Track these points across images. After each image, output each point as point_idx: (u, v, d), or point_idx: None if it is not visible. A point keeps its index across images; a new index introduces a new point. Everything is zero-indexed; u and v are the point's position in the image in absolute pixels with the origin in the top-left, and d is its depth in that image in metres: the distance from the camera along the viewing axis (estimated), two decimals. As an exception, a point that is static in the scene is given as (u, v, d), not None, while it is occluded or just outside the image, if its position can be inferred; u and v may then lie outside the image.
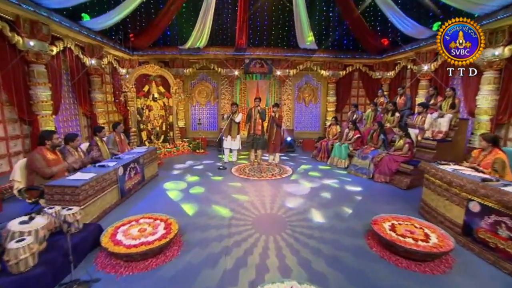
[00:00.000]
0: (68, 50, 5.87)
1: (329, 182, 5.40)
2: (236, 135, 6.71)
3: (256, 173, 5.95)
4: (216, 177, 5.65)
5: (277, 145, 6.50)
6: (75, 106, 6.48)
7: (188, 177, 5.61)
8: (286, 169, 6.36)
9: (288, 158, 7.62)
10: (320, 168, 6.58)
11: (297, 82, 9.67)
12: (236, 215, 3.73)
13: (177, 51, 8.47)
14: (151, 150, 5.44)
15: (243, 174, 5.88)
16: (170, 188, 4.93)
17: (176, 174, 5.85)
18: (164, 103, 8.09)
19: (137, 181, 4.65)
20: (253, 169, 6.29)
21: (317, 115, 9.92)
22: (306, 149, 8.77)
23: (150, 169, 5.33)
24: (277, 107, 6.46)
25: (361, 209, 4.02)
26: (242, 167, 6.49)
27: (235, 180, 5.44)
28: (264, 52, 8.76)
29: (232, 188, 4.96)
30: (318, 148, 7.41)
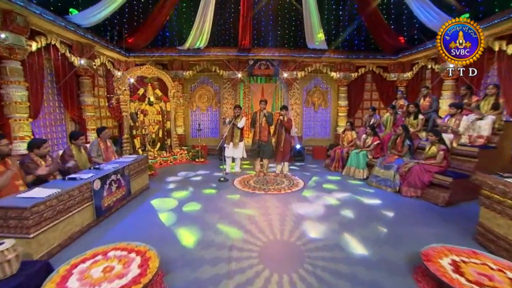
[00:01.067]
0: (52, 47, 5.26)
1: (348, 196, 4.57)
2: (239, 142, 5.95)
3: (262, 186, 5.16)
4: (216, 191, 4.86)
5: (286, 153, 5.72)
6: (61, 110, 5.82)
7: (183, 191, 4.84)
8: (296, 181, 5.55)
9: (298, 168, 6.81)
10: (335, 179, 5.76)
11: (306, 85, 8.96)
12: (238, 243, 2.92)
13: (175, 52, 7.86)
14: (141, 159, 4.70)
15: (247, 187, 5.09)
16: (160, 204, 4.15)
17: (170, 187, 5.09)
18: (161, 107, 7.42)
19: (120, 196, 3.89)
20: (259, 181, 5.50)
21: (327, 120, 9.14)
22: (317, 157, 7.96)
23: (138, 181, 4.58)
24: (285, 110, 5.71)
25: (397, 233, 3.19)
26: (246, 179, 5.70)
27: (237, 195, 4.65)
28: (270, 52, 8.10)
29: (234, 204, 4.17)
30: (332, 157, 6.60)
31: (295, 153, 7.55)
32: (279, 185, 5.25)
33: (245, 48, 7.93)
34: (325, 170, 6.63)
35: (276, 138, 5.84)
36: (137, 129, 6.36)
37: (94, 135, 6.38)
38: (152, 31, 7.17)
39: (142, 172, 4.72)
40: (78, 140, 3.96)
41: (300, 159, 7.64)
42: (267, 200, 4.40)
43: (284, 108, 5.72)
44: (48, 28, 5.00)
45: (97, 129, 4.74)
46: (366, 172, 5.73)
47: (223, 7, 7.77)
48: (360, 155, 5.85)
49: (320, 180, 5.68)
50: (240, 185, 5.26)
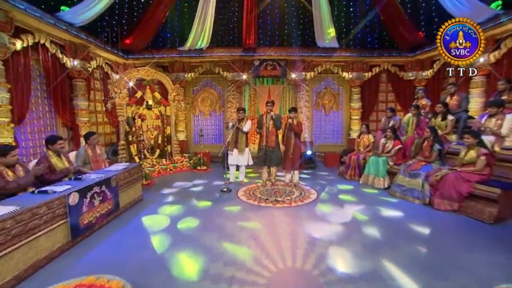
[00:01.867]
0: (41, 47, 4.89)
1: (369, 209, 3.95)
2: (244, 148, 5.42)
3: (269, 198, 4.58)
4: (217, 204, 4.31)
5: (296, 160, 5.14)
6: (52, 114, 5.43)
7: (180, 204, 4.31)
8: (308, 192, 4.95)
9: (309, 176, 6.21)
10: (351, 189, 5.13)
11: (315, 86, 8.41)
12: (240, 274, 2.35)
13: (176, 54, 7.46)
14: (133, 167, 4.21)
15: (252, 199, 4.52)
16: (152, 220, 3.63)
17: (167, 199, 4.57)
18: (160, 112, 6.98)
19: (105, 211, 3.38)
20: (266, 192, 4.93)
21: (339, 124, 8.54)
22: (329, 164, 7.34)
23: (130, 193, 4.08)
24: (294, 112, 5.17)
25: (440, 258, 2.56)
26: (251, 189, 5.14)
27: (242, 209, 4.09)
28: (277, 52, 7.61)
29: (236, 220, 3.60)
30: (347, 164, 5.97)
31: (305, 160, 6.96)
32: (289, 196, 4.67)
33: (250, 48, 7.48)
34: (339, 178, 6.01)
35: (285, 143, 5.28)
36: (133, 135, 5.92)
37: (88, 141, 5.97)
38: (150, 30, 6.81)
39: (134, 182, 4.22)
40: (56, 145, 3.49)
41: (311, 166, 7.04)
42: (275, 215, 3.82)
43: (293, 110, 5.18)
44: (35, 26, 4.64)
45: (84, 134, 4.28)
46: (387, 181, 5.09)
47: (225, 3, 7.37)
48: (380, 162, 5.22)
49: (334, 190, 5.07)
50: (245, 196, 4.70)
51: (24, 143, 4.77)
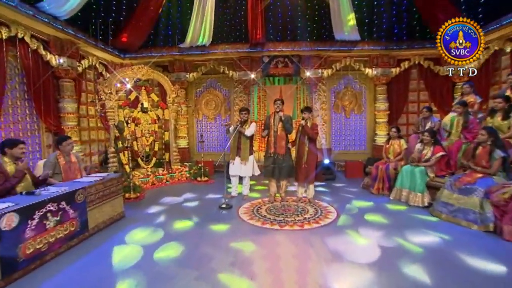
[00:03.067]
0: (20, 42, 4.50)
1: (408, 236, 3.08)
2: (248, 156, 4.71)
3: (277, 217, 3.82)
4: (211, 225, 3.60)
5: (310, 170, 4.38)
6: (33, 118, 5.01)
7: (166, 224, 3.65)
8: (325, 210, 4.14)
9: (327, 190, 5.38)
10: (381, 207, 4.26)
11: (334, 86, 7.62)
12: None
13: (177, 52, 6.97)
14: (111, 178, 3.61)
15: (255, 219, 3.78)
16: (126, 245, 2.97)
17: (152, 217, 3.92)
18: (158, 116, 6.46)
19: (65, 235, 2.77)
20: (273, 209, 4.18)
21: (362, 129, 7.65)
22: (351, 175, 6.46)
23: (105, 210, 3.47)
24: (308, 112, 4.44)
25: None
26: (255, 205, 4.40)
27: (240, 232, 3.36)
28: (288, 47, 6.94)
29: (233, 250, 2.87)
30: (373, 175, 5.10)
31: (322, 170, 6.14)
32: (301, 215, 3.88)
33: (258, 43, 6.86)
34: (364, 192, 5.14)
35: (297, 150, 4.53)
36: (124, 141, 5.39)
37: (75, 148, 5.47)
38: (145, 26, 6.36)
39: (112, 197, 3.61)
40: (16, 149, 2.96)
41: (330, 177, 6.20)
42: (282, 241, 3.05)
43: (307, 110, 4.44)
44: (11, 17, 4.25)
45: (56, 139, 3.76)
46: (427, 197, 4.18)
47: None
48: (416, 173, 4.32)
49: (359, 207, 4.23)
50: (247, 215, 3.97)
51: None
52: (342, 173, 6.80)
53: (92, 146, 6.51)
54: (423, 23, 6.68)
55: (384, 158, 5.28)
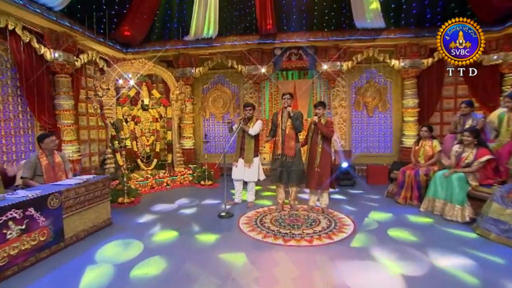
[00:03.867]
0: (11, 34, 4.40)
1: (447, 260, 2.55)
2: (252, 158, 4.32)
3: (283, 229, 3.40)
4: (205, 236, 3.25)
5: (324, 175, 3.92)
6: (27, 115, 4.92)
7: (156, 233, 3.34)
8: (341, 221, 3.67)
9: (345, 198, 4.88)
10: (409, 219, 3.71)
11: (354, 80, 7.06)
12: None
13: (182, 45, 6.73)
14: (95, 181, 3.35)
15: (256, 231, 3.38)
16: (101, 259, 2.68)
17: (141, 225, 3.63)
18: (160, 113, 6.23)
19: (32, 246, 2.51)
20: (280, 219, 3.75)
21: (387, 128, 7.02)
22: (373, 181, 5.88)
23: (87, 216, 3.21)
24: (322, 107, 3.99)
25: None
26: (260, 215, 4.00)
27: (236, 247, 2.97)
28: (303, 37, 6.48)
29: (223, 269, 2.48)
30: (399, 181, 4.53)
31: (340, 174, 5.62)
32: (311, 227, 3.43)
33: (269, 34, 6.47)
34: (388, 201, 4.59)
35: (308, 151, 4.09)
36: (120, 141, 5.19)
37: (71, 148, 5.40)
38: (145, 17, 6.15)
39: (96, 202, 3.36)
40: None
41: (348, 183, 5.66)
42: (283, 260, 2.63)
43: (321, 105, 4.00)
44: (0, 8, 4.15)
45: (38, 136, 3.56)
46: (469, 210, 3.58)
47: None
48: (454, 180, 3.72)
49: (381, 220, 3.70)
50: (248, 225, 3.57)
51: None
52: (363, 178, 6.23)
53: (92, 146, 6.40)
54: (463, 5, 5.95)
55: (412, 162, 4.69)
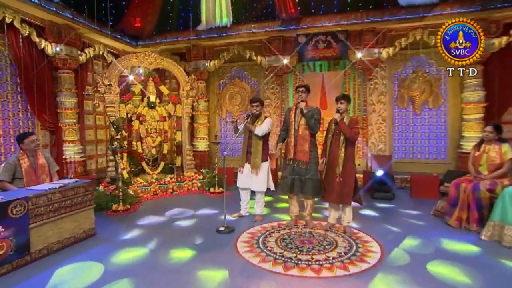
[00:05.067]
0: (10, 28, 4.58)
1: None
2: (260, 163, 3.96)
3: (289, 251, 3.02)
4: (186, 254, 2.97)
5: (347, 185, 3.45)
6: (27, 114, 5.12)
7: (135, 249, 3.14)
8: (364, 246, 3.15)
9: (378, 214, 4.31)
10: (462, 250, 3.07)
11: (397, 70, 6.34)
12: None
13: (194, 35, 6.60)
14: (72, 186, 3.25)
15: (254, 252, 3.04)
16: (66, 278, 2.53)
17: (127, 239, 3.47)
18: (168, 112, 6.16)
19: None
20: (288, 240, 3.36)
21: (440, 129, 6.19)
22: (418, 194, 5.16)
23: (63, 227, 3.12)
24: (346, 101, 3.52)
25: None
26: (266, 231, 3.64)
27: (221, 272, 2.62)
28: (332, 21, 5.96)
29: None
30: (451, 198, 3.84)
31: (375, 185, 5.02)
32: (325, 251, 2.99)
33: (291, 18, 6.08)
34: (435, 222, 3.92)
35: (328, 156, 3.62)
36: (121, 142, 5.16)
37: (73, 148, 5.52)
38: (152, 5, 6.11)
39: (76, 209, 3.26)
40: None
41: (384, 196, 5.02)
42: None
43: (344, 99, 3.54)
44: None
45: (16, 136, 3.59)
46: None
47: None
48: (527, 199, 2.98)
49: (421, 248, 3.11)
50: (248, 245, 3.24)
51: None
52: (405, 190, 5.51)
53: (99, 147, 6.53)
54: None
55: (471, 172, 3.96)
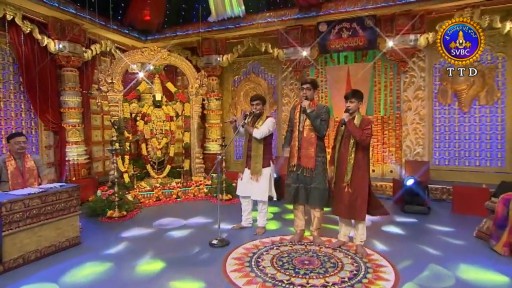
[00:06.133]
0: (12, 25, 4.85)
1: None
2: (261, 169, 3.80)
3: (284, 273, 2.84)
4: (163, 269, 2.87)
5: (358, 197, 3.19)
6: (30, 114, 5.40)
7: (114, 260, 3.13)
8: (376, 271, 2.85)
9: (404, 232, 3.96)
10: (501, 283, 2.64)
11: (439, 60, 5.77)
12: None
13: (206, 28, 6.60)
14: (54, 191, 3.32)
15: (242, 273, 2.90)
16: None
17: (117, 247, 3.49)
18: (176, 111, 6.19)
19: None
20: (287, 257, 3.18)
21: (494, 130, 5.53)
22: (463, 210, 4.62)
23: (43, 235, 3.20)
24: (356, 99, 3.26)
25: None
26: (264, 247, 3.46)
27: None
28: (357, 5, 5.58)
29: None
30: (498, 217, 3.38)
31: (405, 196, 4.62)
32: (325, 275, 2.76)
33: (310, 5, 5.82)
34: (477, 246, 3.49)
35: (337, 162, 3.36)
36: (121, 142, 5.25)
37: (76, 150, 5.73)
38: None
39: (59, 216, 3.33)
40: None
41: (419, 210, 4.58)
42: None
43: (354, 96, 3.30)
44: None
45: (7, 136, 3.76)
46: None
47: None
48: None
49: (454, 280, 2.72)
50: (237, 262, 3.09)
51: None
52: (447, 204, 4.99)
53: (107, 148, 6.74)
54: None
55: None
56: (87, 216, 4.53)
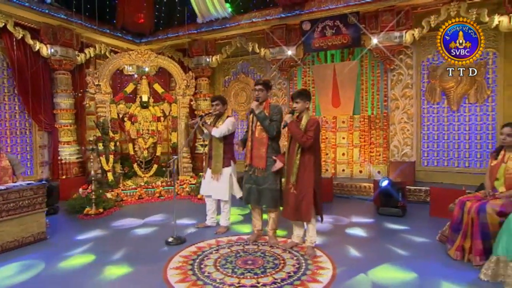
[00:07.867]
0: (5, 32, 5.21)
1: None
2: (221, 168, 3.89)
3: (231, 275, 2.88)
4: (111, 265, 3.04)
5: (304, 199, 3.17)
6: (24, 115, 5.79)
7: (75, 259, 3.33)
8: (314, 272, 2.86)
9: (366, 235, 3.88)
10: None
11: (426, 57, 5.60)
12: None
13: (195, 29, 6.76)
14: (17, 189, 3.55)
15: (183, 272, 2.96)
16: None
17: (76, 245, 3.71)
18: (164, 112, 6.40)
19: None
20: (233, 256, 3.25)
21: (484, 129, 5.31)
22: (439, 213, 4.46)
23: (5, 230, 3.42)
24: (301, 99, 3.26)
25: None
26: (217, 247, 3.54)
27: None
28: (340, 2, 5.52)
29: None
30: (454, 221, 3.29)
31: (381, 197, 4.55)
32: (263, 275, 2.81)
33: (293, 3, 5.82)
34: (437, 250, 3.40)
35: (286, 165, 3.40)
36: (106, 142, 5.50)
37: (68, 149, 6.08)
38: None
39: (22, 212, 3.55)
40: None
41: (392, 212, 4.49)
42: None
43: (300, 96, 3.29)
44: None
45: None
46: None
47: None
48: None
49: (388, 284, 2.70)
50: (181, 259, 3.19)
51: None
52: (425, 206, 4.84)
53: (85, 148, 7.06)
54: None
55: (486, 187, 3.33)
56: (67, 213, 4.82)
